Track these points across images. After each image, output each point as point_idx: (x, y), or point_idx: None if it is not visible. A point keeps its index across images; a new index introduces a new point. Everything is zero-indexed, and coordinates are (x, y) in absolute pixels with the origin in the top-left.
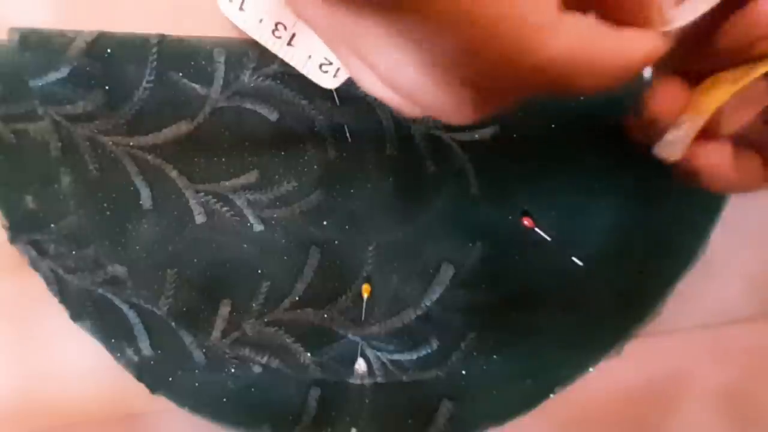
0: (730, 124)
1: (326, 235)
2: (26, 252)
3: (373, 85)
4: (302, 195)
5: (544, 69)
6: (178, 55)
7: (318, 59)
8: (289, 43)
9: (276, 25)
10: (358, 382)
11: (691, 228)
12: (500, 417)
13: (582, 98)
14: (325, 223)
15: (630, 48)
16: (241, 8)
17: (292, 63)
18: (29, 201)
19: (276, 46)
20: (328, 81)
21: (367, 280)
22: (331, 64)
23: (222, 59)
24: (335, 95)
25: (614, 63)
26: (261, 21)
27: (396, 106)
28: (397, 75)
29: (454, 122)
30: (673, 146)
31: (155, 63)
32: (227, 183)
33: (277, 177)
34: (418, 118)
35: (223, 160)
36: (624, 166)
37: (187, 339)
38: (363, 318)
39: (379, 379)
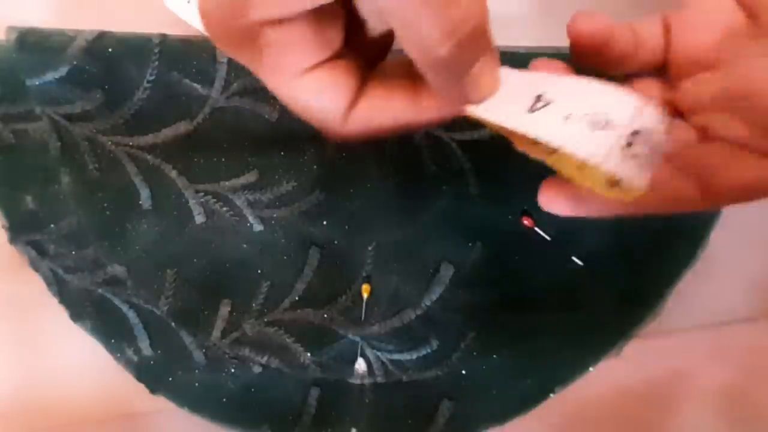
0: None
1: (326, 235)
2: (26, 252)
3: None
4: (302, 195)
5: (347, 136)
6: (180, 55)
7: None
8: None
9: None
10: (358, 382)
11: (691, 228)
12: (500, 417)
13: None
14: (325, 223)
15: (418, 116)
16: (188, 1)
17: None
18: (29, 201)
19: None
20: None
21: (367, 280)
22: None
23: (225, 59)
24: None
25: (405, 125)
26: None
27: None
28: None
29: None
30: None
31: (156, 63)
32: (227, 183)
33: (276, 177)
34: None
35: (223, 160)
36: None
37: (187, 339)
38: (363, 318)
39: (379, 379)
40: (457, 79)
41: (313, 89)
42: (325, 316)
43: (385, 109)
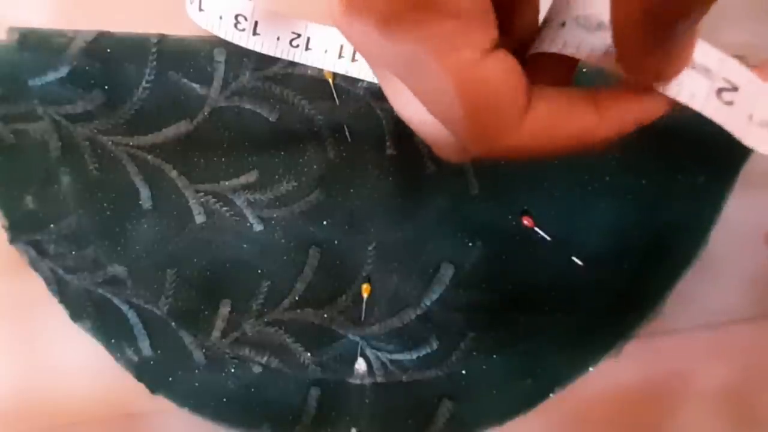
0: None
1: (326, 235)
2: (26, 252)
3: (399, 110)
4: (302, 195)
5: (507, 151)
6: (178, 55)
7: (287, 37)
8: (254, 33)
9: (236, 17)
10: (358, 382)
11: (691, 228)
12: (500, 417)
13: None
14: (325, 223)
15: (591, 131)
16: (200, 9)
17: (263, 51)
18: (29, 201)
19: (243, 40)
20: (301, 55)
21: (367, 279)
22: (299, 36)
23: (222, 59)
24: (335, 95)
25: (577, 143)
26: (221, 18)
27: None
28: (413, 120)
29: (448, 159)
30: None
31: (155, 63)
32: (227, 183)
33: (276, 177)
34: None
35: (223, 160)
36: (624, 166)
37: (187, 339)
38: (363, 318)
39: (379, 379)
40: (668, 35)
41: (498, 72)
42: (325, 316)
43: (563, 117)
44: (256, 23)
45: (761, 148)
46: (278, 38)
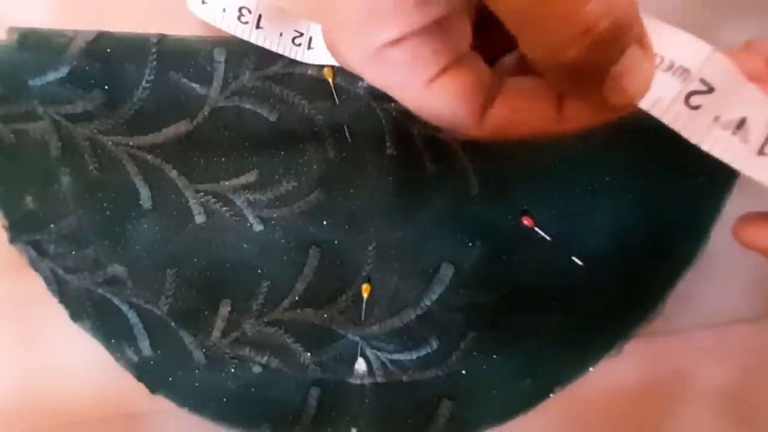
0: None
1: (326, 235)
2: (26, 252)
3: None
4: (302, 195)
5: (484, 138)
6: (178, 55)
7: (289, 34)
8: (257, 26)
9: (240, 10)
10: (358, 382)
11: (691, 228)
12: (500, 417)
13: None
14: (324, 223)
15: (560, 127)
16: (203, 2)
17: (266, 45)
18: (29, 201)
19: (246, 33)
20: (303, 54)
21: (367, 279)
22: (302, 35)
23: (222, 59)
24: (335, 95)
25: (537, 134)
26: (224, 11)
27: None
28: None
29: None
30: None
31: (155, 63)
32: (227, 183)
33: (276, 177)
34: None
35: (223, 160)
36: (624, 165)
37: (187, 339)
38: (363, 318)
39: (379, 379)
40: (592, 83)
41: (443, 98)
42: (325, 316)
43: (523, 116)
44: (259, 17)
45: (715, 151)
46: (281, 34)
